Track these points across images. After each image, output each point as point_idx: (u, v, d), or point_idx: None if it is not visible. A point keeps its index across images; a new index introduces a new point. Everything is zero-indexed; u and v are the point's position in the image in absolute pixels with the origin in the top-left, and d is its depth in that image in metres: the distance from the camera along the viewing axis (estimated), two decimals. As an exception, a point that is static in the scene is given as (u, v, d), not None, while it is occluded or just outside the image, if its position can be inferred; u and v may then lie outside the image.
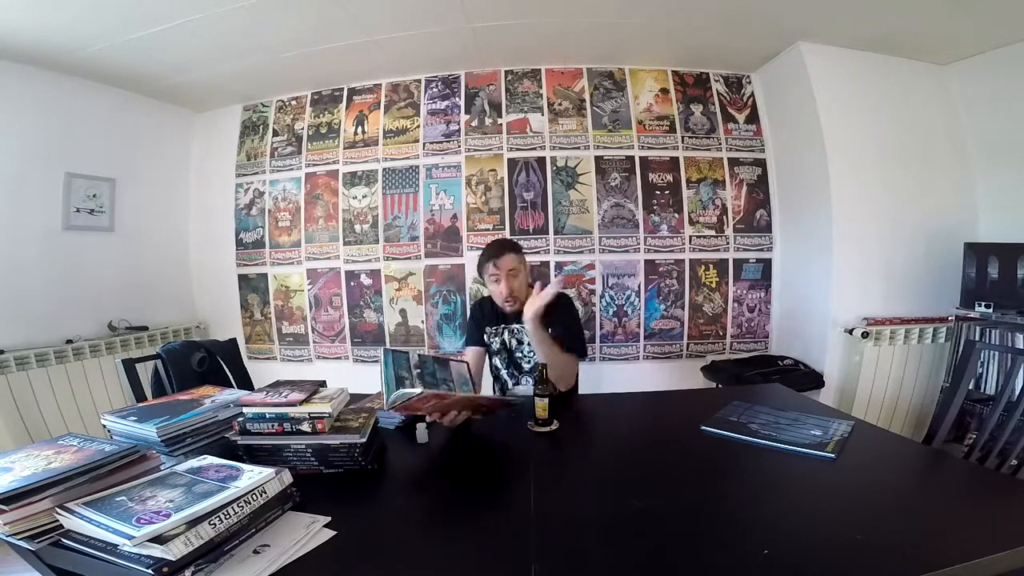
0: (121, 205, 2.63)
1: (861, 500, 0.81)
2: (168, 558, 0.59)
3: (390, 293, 2.81)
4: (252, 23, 2.05)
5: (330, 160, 2.86)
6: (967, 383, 1.26)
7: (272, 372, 2.89)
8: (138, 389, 1.41)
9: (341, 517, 0.77)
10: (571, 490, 0.89)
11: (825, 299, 2.39)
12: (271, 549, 0.68)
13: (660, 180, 2.72)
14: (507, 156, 2.73)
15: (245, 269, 2.99)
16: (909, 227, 2.40)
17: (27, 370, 2.10)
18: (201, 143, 3.06)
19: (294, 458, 0.93)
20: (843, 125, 2.34)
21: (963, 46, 2.30)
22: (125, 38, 2.08)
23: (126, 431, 0.93)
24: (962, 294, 2.25)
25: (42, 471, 0.71)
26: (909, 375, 2.38)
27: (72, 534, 0.67)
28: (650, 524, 0.75)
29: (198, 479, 0.75)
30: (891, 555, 0.64)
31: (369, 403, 1.27)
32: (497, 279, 1.55)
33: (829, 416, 1.18)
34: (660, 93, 2.75)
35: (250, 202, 2.97)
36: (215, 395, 1.09)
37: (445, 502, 0.89)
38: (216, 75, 2.56)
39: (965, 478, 0.94)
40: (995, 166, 2.35)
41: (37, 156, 2.27)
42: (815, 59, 2.33)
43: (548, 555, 0.67)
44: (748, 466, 0.97)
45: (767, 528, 0.74)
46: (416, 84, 2.81)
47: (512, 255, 1.58)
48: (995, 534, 0.68)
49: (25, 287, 2.20)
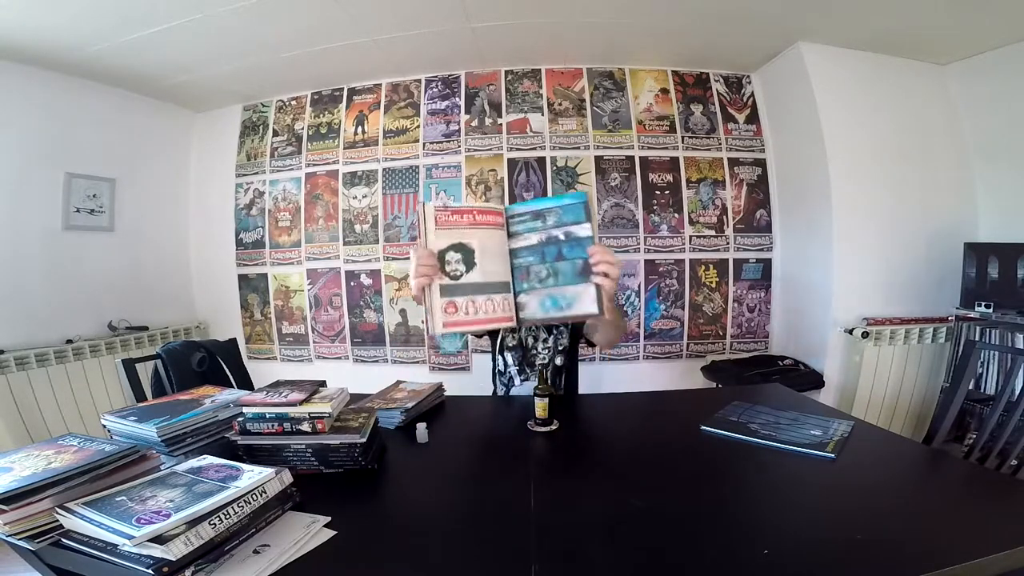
0: (121, 205, 2.64)
1: (861, 500, 0.81)
2: (168, 558, 0.59)
3: (390, 293, 2.81)
4: (252, 23, 2.05)
5: (330, 160, 2.86)
6: (967, 383, 1.26)
7: (272, 372, 2.89)
8: (138, 389, 1.41)
9: (341, 517, 0.77)
10: (571, 490, 0.89)
11: (825, 299, 2.39)
12: (271, 549, 0.68)
13: (660, 180, 2.72)
14: (507, 156, 2.73)
15: (245, 269, 2.99)
16: (909, 227, 2.40)
17: (27, 370, 2.10)
18: (201, 143, 3.06)
19: (294, 458, 0.93)
20: (843, 125, 2.34)
21: (963, 46, 2.30)
22: (125, 38, 2.08)
23: (126, 431, 0.93)
24: (962, 294, 2.25)
25: (42, 471, 0.71)
26: (909, 375, 2.38)
27: (72, 534, 0.67)
28: (650, 524, 0.75)
29: (198, 479, 0.75)
30: (891, 555, 0.64)
31: (369, 402, 1.27)
32: None
33: (829, 416, 1.18)
34: (660, 93, 2.75)
35: (250, 202, 2.97)
36: (215, 395, 1.08)
37: (445, 502, 0.89)
38: (216, 75, 2.56)
39: (965, 478, 0.94)
40: (995, 166, 2.35)
41: (37, 156, 2.27)
42: (815, 59, 2.34)
43: (548, 555, 0.67)
44: (748, 466, 0.97)
45: (767, 528, 0.74)
46: (416, 84, 2.81)
47: None
48: (995, 534, 0.68)
49: (25, 287, 2.21)
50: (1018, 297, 2.06)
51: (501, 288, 0.98)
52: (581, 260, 0.96)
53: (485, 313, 0.95)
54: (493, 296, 0.96)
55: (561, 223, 0.98)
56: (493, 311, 0.96)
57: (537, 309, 0.98)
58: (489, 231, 0.99)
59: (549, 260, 0.99)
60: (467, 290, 0.95)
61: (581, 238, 0.97)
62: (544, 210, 1.00)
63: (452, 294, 0.93)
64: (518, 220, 1.01)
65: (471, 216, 0.98)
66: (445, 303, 0.92)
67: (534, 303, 0.98)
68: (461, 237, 0.96)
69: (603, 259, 0.95)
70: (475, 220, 0.98)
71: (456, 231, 0.96)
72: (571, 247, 0.97)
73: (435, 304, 0.92)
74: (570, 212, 0.98)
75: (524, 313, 0.98)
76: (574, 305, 0.97)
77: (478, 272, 0.96)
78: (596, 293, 0.96)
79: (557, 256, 0.98)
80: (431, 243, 0.94)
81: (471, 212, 0.98)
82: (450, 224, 0.96)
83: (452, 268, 0.94)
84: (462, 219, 0.97)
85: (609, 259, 0.96)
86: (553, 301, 0.97)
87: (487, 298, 0.96)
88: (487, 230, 0.99)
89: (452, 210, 0.97)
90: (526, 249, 1.00)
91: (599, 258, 0.96)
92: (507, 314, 0.97)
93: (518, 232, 1.01)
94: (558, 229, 0.98)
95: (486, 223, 0.99)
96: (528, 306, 0.98)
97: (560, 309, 0.97)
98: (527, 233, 1.00)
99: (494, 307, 0.96)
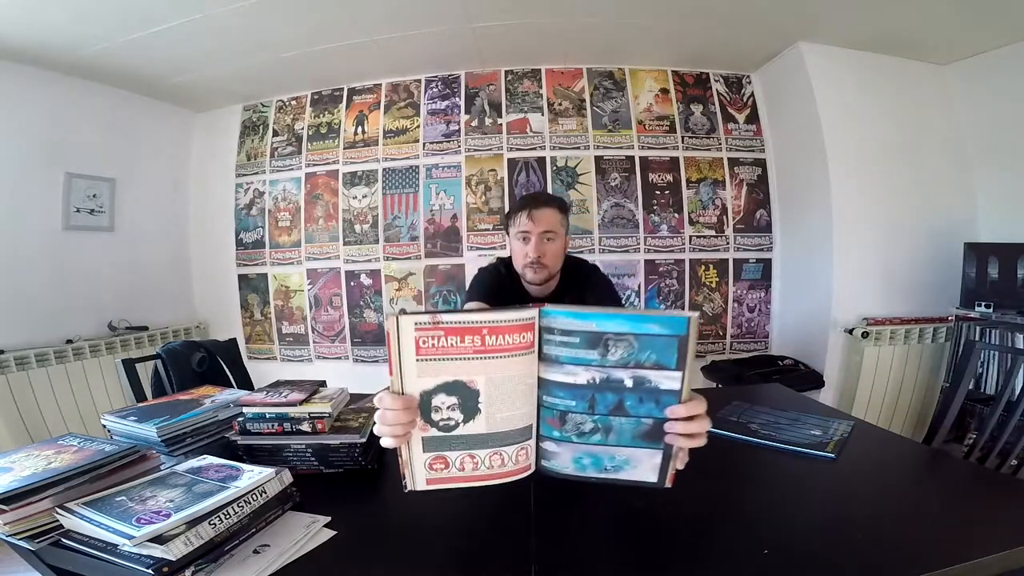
0: (121, 205, 2.64)
1: (861, 500, 0.81)
2: (168, 558, 0.59)
3: (390, 293, 2.81)
4: (252, 23, 2.05)
5: (330, 160, 2.86)
6: (967, 383, 1.26)
7: (272, 372, 2.89)
8: (138, 389, 1.41)
9: (341, 517, 0.77)
10: (571, 490, 0.89)
11: (825, 299, 2.39)
12: (271, 549, 0.68)
13: (660, 180, 2.72)
14: (507, 156, 2.73)
15: (245, 269, 2.99)
16: (909, 227, 2.40)
17: (27, 370, 2.10)
18: (201, 143, 3.06)
19: (294, 458, 0.93)
20: (843, 125, 2.34)
21: (963, 46, 2.30)
22: (125, 38, 2.08)
23: (126, 431, 0.93)
24: (962, 294, 2.25)
25: (42, 471, 0.71)
26: (909, 375, 2.38)
27: (72, 534, 0.67)
28: (650, 524, 0.75)
29: (198, 479, 0.75)
30: (891, 555, 0.64)
31: (369, 402, 1.27)
32: (526, 238, 1.20)
33: (829, 416, 1.18)
34: (660, 93, 2.75)
35: (250, 202, 2.97)
36: (215, 395, 1.09)
37: (445, 502, 0.89)
38: (216, 75, 2.56)
39: (965, 478, 0.94)
40: (995, 166, 2.35)
41: (37, 156, 2.27)
42: (815, 59, 2.34)
43: (548, 555, 0.67)
44: (748, 466, 0.97)
45: (767, 528, 0.74)
46: (416, 84, 2.81)
47: (553, 211, 1.22)
48: (995, 534, 0.68)
49: (25, 287, 2.20)
50: (1018, 297, 2.06)
51: (518, 436, 0.64)
52: (652, 420, 0.62)
53: (489, 468, 0.64)
54: (504, 449, 0.64)
55: (634, 361, 0.60)
56: (502, 465, 0.64)
57: (568, 463, 0.66)
58: (507, 360, 0.60)
59: (601, 412, 0.63)
60: (464, 443, 0.62)
61: (662, 392, 0.60)
62: (610, 336, 0.60)
63: (441, 448, 0.63)
64: (560, 340, 0.61)
65: (478, 338, 0.58)
66: (430, 459, 0.63)
67: (566, 456, 0.66)
68: (459, 373, 0.59)
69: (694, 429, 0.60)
70: (484, 346, 0.59)
71: (450, 364, 0.59)
72: (642, 401, 0.61)
73: (415, 459, 0.63)
74: (654, 347, 0.59)
75: (550, 464, 0.67)
76: (625, 469, 0.66)
77: (483, 421, 0.62)
78: (663, 461, 0.64)
79: (615, 408, 0.62)
80: (409, 384, 0.59)
81: (479, 331, 0.58)
82: (441, 353, 0.59)
83: (443, 417, 0.61)
84: (462, 344, 0.58)
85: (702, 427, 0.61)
86: (595, 461, 0.66)
87: (494, 452, 0.63)
88: (504, 360, 0.60)
89: (446, 328, 0.58)
90: (565, 388, 0.62)
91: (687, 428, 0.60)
92: (521, 465, 0.66)
93: (556, 358, 0.62)
94: (626, 371, 0.60)
95: (503, 349, 0.59)
96: (557, 457, 0.66)
97: (603, 471, 0.66)
98: (571, 366, 0.61)
99: (503, 460, 0.64)
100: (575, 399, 0.63)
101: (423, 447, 0.63)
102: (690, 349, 0.58)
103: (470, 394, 0.60)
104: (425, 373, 0.59)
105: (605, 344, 0.60)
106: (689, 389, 0.60)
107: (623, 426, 0.63)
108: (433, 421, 0.61)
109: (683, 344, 0.58)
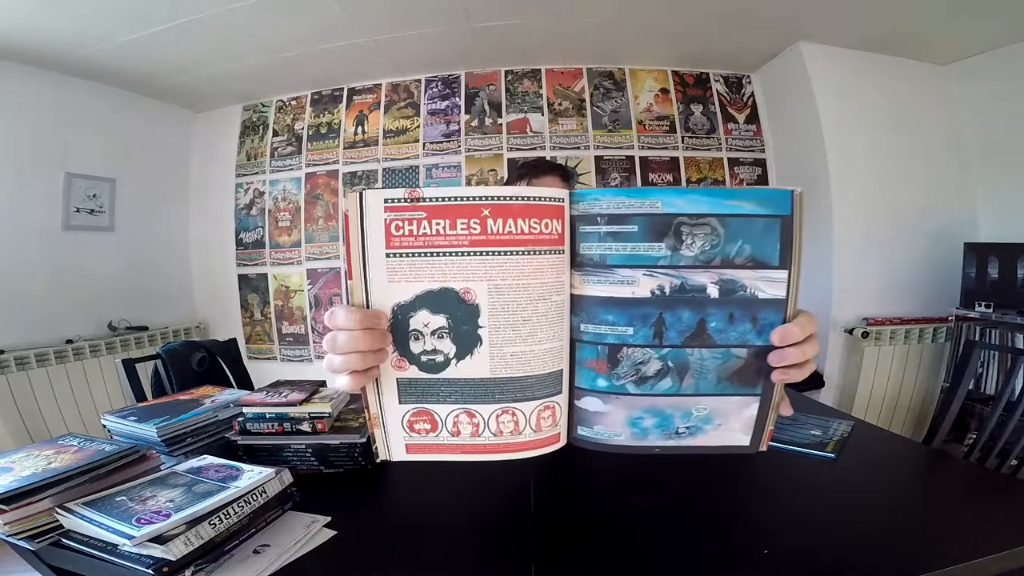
0: (121, 205, 2.64)
1: (861, 500, 0.81)
2: (168, 558, 0.59)
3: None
4: (252, 23, 2.05)
5: (330, 160, 2.86)
6: (967, 383, 1.26)
7: (272, 372, 2.89)
8: (138, 389, 1.41)
9: (341, 517, 0.76)
10: (571, 489, 0.89)
11: (825, 299, 2.39)
12: (271, 549, 0.68)
13: (660, 180, 2.72)
14: (507, 156, 2.73)
15: (245, 269, 2.99)
16: (909, 227, 2.40)
17: (27, 370, 2.10)
18: (201, 143, 3.06)
19: (294, 458, 0.93)
20: (843, 125, 2.34)
21: (963, 46, 2.30)
22: (125, 38, 2.08)
23: (126, 431, 0.93)
24: (962, 294, 2.25)
25: (42, 471, 0.71)
26: (909, 375, 2.38)
27: (72, 534, 0.67)
28: (650, 523, 0.75)
29: (198, 479, 0.75)
30: (891, 555, 0.64)
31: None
32: None
33: (829, 416, 1.17)
34: (660, 93, 2.75)
35: (250, 202, 2.97)
36: (215, 395, 1.09)
37: (445, 501, 0.89)
38: (216, 75, 2.56)
39: (965, 478, 0.94)
40: (995, 166, 2.35)
41: (37, 156, 2.27)
42: (815, 59, 2.34)
43: (548, 555, 0.67)
44: (748, 466, 0.97)
45: (767, 528, 0.74)
46: (416, 84, 2.81)
47: (555, 179, 1.08)
48: (995, 534, 0.68)
49: (25, 287, 2.20)
50: (1018, 297, 2.06)
51: (540, 387, 0.43)
52: (749, 349, 0.43)
53: (496, 436, 0.44)
54: (519, 406, 0.43)
55: (719, 257, 0.41)
56: (515, 432, 0.43)
57: (621, 428, 0.45)
58: (522, 260, 0.41)
59: (673, 342, 0.42)
60: (459, 391, 0.43)
61: (761, 304, 0.42)
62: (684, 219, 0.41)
63: (425, 398, 0.43)
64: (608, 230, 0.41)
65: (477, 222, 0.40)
66: (409, 413, 0.44)
67: (617, 417, 0.45)
68: (448, 277, 0.41)
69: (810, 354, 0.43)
70: (486, 234, 0.40)
71: (437, 263, 0.40)
72: (734, 320, 0.42)
73: (388, 413, 0.44)
74: (748, 235, 0.42)
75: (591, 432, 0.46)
76: (705, 431, 0.46)
77: (485, 357, 0.42)
78: (760, 411, 0.45)
79: (695, 334, 0.42)
80: (376, 292, 0.42)
81: (477, 211, 0.39)
82: (423, 246, 0.40)
83: (425, 348, 0.42)
84: (453, 231, 0.40)
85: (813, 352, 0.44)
86: (663, 421, 0.45)
87: (503, 409, 0.43)
88: (519, 258, 0.40)
89: (429, 207, 0.40)
90: (617, 307, 0.42)
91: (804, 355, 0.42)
92: (547, 435, 0.45)
93: (601, 260, 0.42)
94: (707, 272, 0.42)
95: (516, 241, 0.40)
96: (603, 419, 0.45)
97: (672, 435, 0.46)
98: (626, 269, 0.41)
99: (517, 425, 0.43)
100: (633, 323, 0.41)
101: (399, 395, 0.43)
102: (796, 238, 0.42)
103: (466, 312, 0.40)
104: (399, 276, 0.40)
105: (678, 231, 0.40)
106: (796, 298, 0.42)
107: (705, 363, 0.43)
108: (411, 354, 0.42)
109: (787, 228, 0.42)
